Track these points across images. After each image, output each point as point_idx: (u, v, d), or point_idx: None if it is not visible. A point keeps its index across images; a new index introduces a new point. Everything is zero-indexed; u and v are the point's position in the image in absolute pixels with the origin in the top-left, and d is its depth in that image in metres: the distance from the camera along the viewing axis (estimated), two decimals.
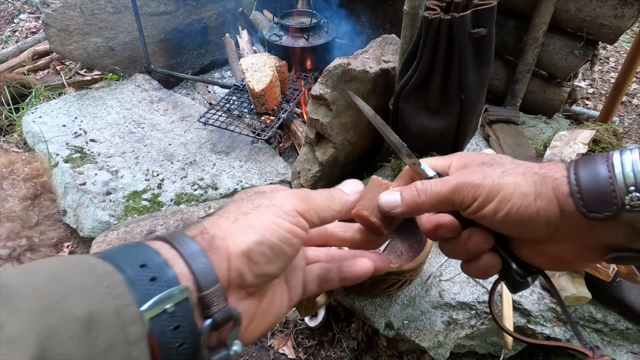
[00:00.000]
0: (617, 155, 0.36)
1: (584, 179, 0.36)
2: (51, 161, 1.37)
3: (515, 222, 0.39)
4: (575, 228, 0.37)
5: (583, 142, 1.06)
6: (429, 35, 0.88)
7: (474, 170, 0.42)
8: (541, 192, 0.38)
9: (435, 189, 0.42)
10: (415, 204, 0.43)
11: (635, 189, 0.34)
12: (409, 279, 0.78)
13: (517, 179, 0.39)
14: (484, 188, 0.40)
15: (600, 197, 0.35)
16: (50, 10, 1.58)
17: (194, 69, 2.04)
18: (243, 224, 0.36)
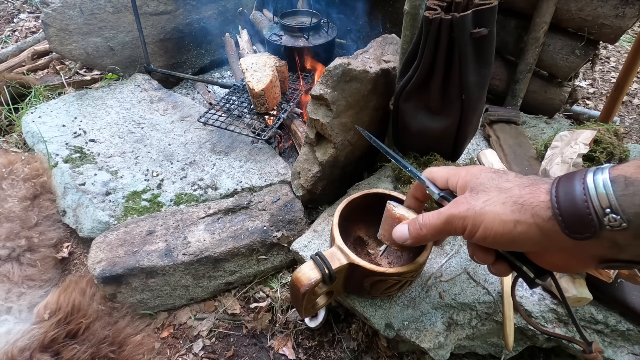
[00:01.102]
0: (591, 176, 0.39)
1: (563, 202, 0.39)
2: (51, 161, 1.37)
3: (503, 244, 0.45)
4: (563, 245, 0.41)
5: (584, 142, 1.05)
6: (429, 35, 0.88)
7: (461, 202, 0.48)
8: (520, 219, 0.42)
9: (431, 222, 0.51)
10: (420, 236, 0.53)
11: (611, 211, 0.36)
12: (409, 280, 0.77)
13: (497, 209, 0.44)
14: (468, 219, 0.46)
15: (579, 220, 0.38)
16: (50, 10, 1.58)
17: (194, 69, 2.04)
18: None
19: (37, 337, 0.91)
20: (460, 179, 0.51)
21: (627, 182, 0.36)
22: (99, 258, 1.04)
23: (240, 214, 1.18)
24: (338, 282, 0.74)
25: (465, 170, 0.52)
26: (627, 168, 0.37)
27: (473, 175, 0.50)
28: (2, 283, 1.09)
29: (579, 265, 0.44)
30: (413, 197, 0.64)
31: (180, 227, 1.13)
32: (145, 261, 1.03)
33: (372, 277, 0.71)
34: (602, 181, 0.37)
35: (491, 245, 0.47)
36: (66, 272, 1.25)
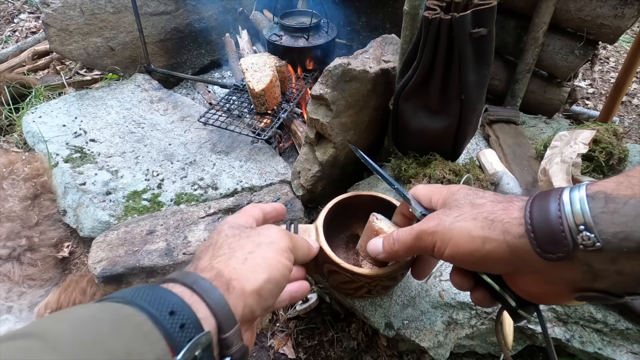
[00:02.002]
0: (567, 192, 0.36)
1: (536, 218, 0.36)
2: (51, 161, 1.37)
3: (472, 263, 0.43)
4: (535, 266, 0.38)
5: (583, 142, 1.06)
6: (429, 35, 0.88)
7: (432, 218, 0.46)
8: (489, 236, 0.39)
9: (403, 238, 0.49)
10: (392, 251, 0.52)
11: (585, 228, 0.33)
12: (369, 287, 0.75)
13: (466, 225, 0.41)
14: (437, 234, 0.44)
15: (552, 237, 0.35)
16: (50, 10, 1.58)
17: (194, 69, 2.04)
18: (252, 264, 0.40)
19: None
20: (441, 197, 0.49)
21: (607, 199, 0.33)
22: (100, 257, 1.05)
23: None
24: None
25: (447, 189, 0.50)
26: (607, 184, 0.34)
27: (451, 193, 0.48)
28: (2, 282, 1.09)
29: (552, 294, 0.41)
30: (400, 213, 0.62)
31: (181, 227, 1.13)
32: (145, 260, 1.03)
33: (329, 265, 0.70)
34: (578, 198, 0.34)
35: (460, 264, 0.44)
36: (67, 271, 1.25)
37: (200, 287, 0.35)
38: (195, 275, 0.37)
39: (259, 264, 0.40)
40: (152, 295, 0.33)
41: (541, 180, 1.06)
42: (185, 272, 0.38)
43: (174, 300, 0.33)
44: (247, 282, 0.38)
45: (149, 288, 0.34)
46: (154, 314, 0.31)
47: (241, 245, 0.42)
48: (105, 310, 0.30)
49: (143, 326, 0.30)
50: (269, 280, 0.39)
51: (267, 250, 0.41)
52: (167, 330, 0.30)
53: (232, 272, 0.38)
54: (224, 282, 0.37)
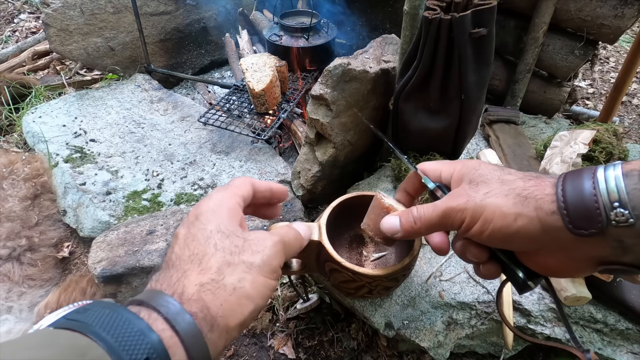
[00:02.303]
0: (602, 171, 0.36)
1: (570, 196, 0.37)
2: (51, 161, 1.37)
3: (499, 239, 0.42)
4: (563, 243, 0.38)
5: (583, 142, 1.06)
6: (429, 35, 0.88)
7: (460, 194, 0.45)
8: (522, 212, 0.39)
9: (427, 216, 0.47)
10: (413, 230, 0.49)
11: (620, 205, 0.34)
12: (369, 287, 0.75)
13: (498, 201, 0.40)
14: (467, 211, 0.43)
15: (586, 214, 0.36)
16: (50, 10, 1.58)
17: (194, 69, 2.04)
18: (240, 295, 0.37)
19: None
20: (456, 172, 0.48)
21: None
22: (100, 257, 1.04)
23: None
24: (309, 256, 0.73)
25: (460, 164, 0.49)
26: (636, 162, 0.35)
27: (471, 168, 0.47)
28: (2, 282, 1.09)
29: (575, 268, 0.41)
30: (404, 190, 0.59)
31: None
32: (145, 261, 1.03)
33: (331, 264, 0.70)
34: (613, 176, 0.35)
35: (486, 240, 0.43)
36: (67, 271, 1.25)
37: (184, 329, 0.32)
38: (178, 309, 0.33)
39: (248, 295, 0.37)
40: (123, 328, 0.29)
41: None
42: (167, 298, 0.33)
43: (151, 341, 0.29)
44: (232, 317, 0.36)
45: (118, 314, 0.30)
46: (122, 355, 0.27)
47: (232, 265, 0.38)
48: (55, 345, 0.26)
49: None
50: (254, 311, 0.38)
51: (258, 275, 0.38)
52: None
53: (219, 309, 0.35)
54: (209, 322, 0.34)
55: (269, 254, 0.41)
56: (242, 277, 0.38)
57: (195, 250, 0.38)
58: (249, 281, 0.38)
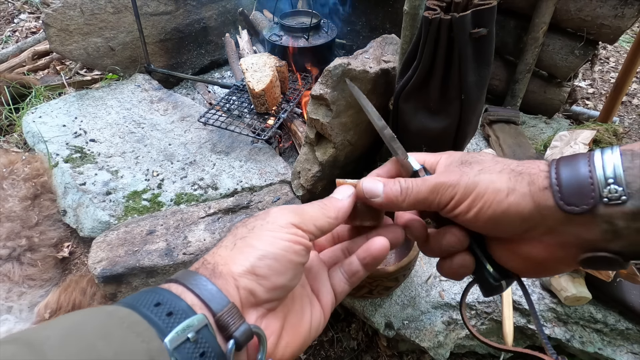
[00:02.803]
0: (599, 153, 0.36)
1: (564, 174, 0.36)
2: (51, 161, 1.37)
3: (487, 218, 0.40)
4: (551, 223, 0.37)
5: (584, 142, 1.06)
6: (429, 35, 0.88)
7: (452, 171, 0.43)
8: (515, 188, 0.38)
9: (415, 189, 0.44)
10: (397, 200, 0.44)
11: (614, 181, 0.34)
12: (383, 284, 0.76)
13: (492, 176, 0.39)
14: (459, 187, 0.41)
15: (579, 190, 0.35)
16: (50, 10, 1.58)
17: (194, 69, 2.04)
18: (241, 246, 0.38)
19: None
20: (443, 159, 0.47)
21: (634, 155, 0.34)
22: (100, 257, 1.05)
23: (240, 213, 1.18)
24: None
25: (447, 153, 0.48)
26: (637, 145, 0.35)
27: (461, 153, 0.46)
28: (2, 282, 1.09)
29: (560, 258, 0.40)
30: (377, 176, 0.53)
31: (181, 227, 1.13)
32: (145, 261, 1.03)
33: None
34: (610, 155, 0.35)
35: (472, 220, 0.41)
36: (67, 271, 1.25)
37: (185, 277, 0.35)
38: (183, 271, 0.37)
39: (250, 245, 0.38)
40: (140, 294, 0.34)
41: None
42: (179, 271, 0.38)
43: (160, 293, 0.33)
44: (234, 264, 0.36)
45: (146, 291, 0.34)
46: (138, 307, 0.31)
47: (234, 234, 0.40)
48: (92, 312, 0.31)
49: (129, 318, 0.30)
50: (264, 257, 0.37)
51: (262, 231, 0.39)
52: (152, 319, 0.30)
53: (219, 259, 0.37)
54: (209, 269, 0.36)
55: (274, 215, 0.41)
56: (243, 236, 0.39)
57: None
58: (250, 237, 0.38)
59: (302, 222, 0.41)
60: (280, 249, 0.37)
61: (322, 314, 0.44)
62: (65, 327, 0.28)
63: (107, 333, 0.28)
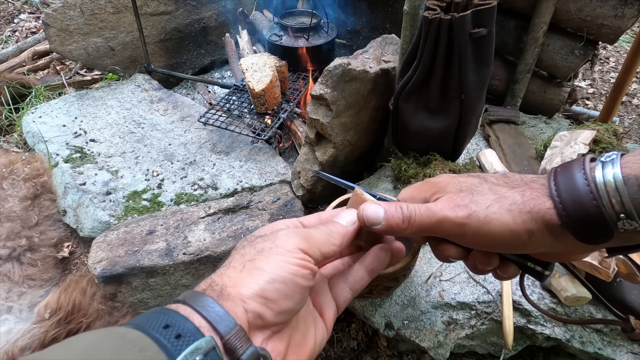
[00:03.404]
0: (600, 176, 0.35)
1: (572, 210, 0.36)
2: (51, 161, 1.37)
3: (509, 250, 0.42)
4: (572, 244, 0.38)
5: (584, 142, 1.06)
6: (429, 35, 0.88)
7: (458, 204, 0.41)
8: (533, 230, 0.38)
9: (420, 220, 0.43)
10: (398, 228, 0.44)
11: (626, 216, 0.33)
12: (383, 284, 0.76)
13: (504, 218, 0.39)
14: (469, 227, 0.40)
15: (594, 228, 0.35)
16: (50, 10, 1.58)
17: (194, 69, 2.04)
18: (250, 269, 0.38)
19: (38, 336, 0.91)
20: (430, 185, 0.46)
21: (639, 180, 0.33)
22: (100, 257, 1.05)
23: (240, 213, 1.19)
24: None
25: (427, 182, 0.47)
26: (637, 166, 0.34)
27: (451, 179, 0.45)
28: (2, 282, 1.09)
29: (582, 256, 0.43)
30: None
31: (181, 227, 1.13)
32: (145, 261, 1.03)
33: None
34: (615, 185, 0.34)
35: (490, 249, 0.43)
36: (67, 271, 1.25)
37: (192, 298, 0.35)
38: (190, 291, 0.37)
39: (259, 268, 0.38)
40: (150, 315, 0.34)
41: None
42: (186, 291, 0.38)
43: (169, 315, 0.33)
44: (244, 287, 0.36)
45: (155, 311, 0.35)
46: (148, 329, 0.32)
47: (242, 254, 0.40)
48: (105, 335, 0.31)
49: (139, 342, 0.30)
50: (273, 280, 0.37)
51: (270, 254, 0.39)
52: (161, 342, 0.31)
53: (227, 280, 0.37)
54: (217, 290, 0.36)
55: (282, 239, 0.41)
56: (252, 258, 0.39)
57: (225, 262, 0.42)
58: (259, 260, 0.39)
59: (309, 248, 0.41)
60: (289, 272, 0.38)
61: (324, 329, 0.45)
62: (81, 351, 0.29)
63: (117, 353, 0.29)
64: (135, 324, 0.33)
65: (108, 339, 0.30)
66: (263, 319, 0.36)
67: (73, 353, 0.29)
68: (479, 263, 0.44)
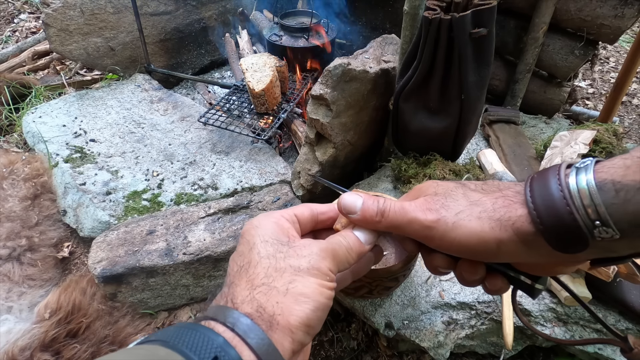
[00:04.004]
0: (573, 183, 0.34)
1: (546, 218, 0.35)
2: (51, 161, 1.37)
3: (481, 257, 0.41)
4: (548, 254, 0.37)
5: (584, 142, 1.06)
6: (429, 35, 0.88)
7: (428, 207, 0.42)
8: (502, 238, 0.38)
9: (392, 216, 0.43)
10: (372, 220, 0.44)
11: (601, 224, 0.33)
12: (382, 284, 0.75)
13: (473, 225, 0.39)
14: (436, 231, 0.40)
15: (569, 236, 0.35)
16: (50, 10, 1.58)
17: (194, 69, 2.04)
18: (295, 294, 0.37)
19: (38, 336, 0.91)
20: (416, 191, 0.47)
21: (617, 188, 0.32)
22: (100, 257, 1.05)
23: (240, 213, 1.19)
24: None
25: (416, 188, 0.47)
26: (614, 170, 0.33)
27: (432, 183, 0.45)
28: (2, 282, 1.09)
29: (568, 268, 0.41)
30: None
31: (181, 227, 1.13)
32: (145, 261, 1.03)
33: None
34: (588, 191, 0.33)
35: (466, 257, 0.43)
36: (67, 271, 1.25)
37: (242, 327, 0.34)
38: (236, 314, 0.35)
39: (303, 294, 0.37)
40: (194, 337, 0.32)
41: None
42: (224, 308, 0.36)
43: (216, 343, 0.32)
44: (291, 316, 0.36)
45: (191, 329, 0.33)
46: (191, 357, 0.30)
47: (280, 270, 0.39)
48: (146, 356, 0.30)
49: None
50: (316, 309, 0.37)
51: (308, 277, 0.39)
52: None
53: (275, 307, 0.36)
54: (267, 319, 0.35)
55: (316, 258, 0.40)
56: (293, 279, 0.38)
57: (242, 262, 0.40)
58: (300, 282, 0.38)
59: (335, 267, 0.42)
60: (327, 298, 0.38)
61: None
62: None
63: None
64: (177, 347, 0.31)
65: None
66: (302, 346, 0.37)
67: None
68: (464, 272, 0.44)
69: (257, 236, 0.42)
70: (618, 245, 0.34)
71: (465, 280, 0.45)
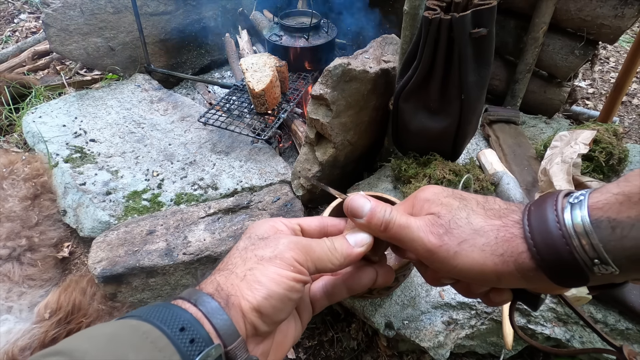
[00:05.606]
0: (569, 214, 0.35)
1: (546, 256, 0.35)
2: (51, 161, 1.37)
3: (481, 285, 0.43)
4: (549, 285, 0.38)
5: (584, 142, 1.06)
6: (429, 35, 0.88)
7: (431, 231, 0.41)
8: (503, 272, 0.38)
9: (396, 230, 0.43)
10: (377, 228, 0.44)
11: (600, 262, 0.33)
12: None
13: (475, 257, 0.39)
14: (437, 257, 0.40)
15: (570, 273, 0.35)
16: (50, 10, 1.58)
17: (194, 69, 2.04)
18: (250, 280, 0.39)
19: (38, 336, 0.91)
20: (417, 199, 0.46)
21: (613, 225, 0.32)
22: (100, 257, 1.04)
23: (240, 213, 1.18)
24: None
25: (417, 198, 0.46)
26: (608, 207, 0.33)
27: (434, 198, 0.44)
28: (2, 282, 1.09)
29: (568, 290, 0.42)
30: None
31: (181, 227, 1.13)
32: (145, 261, 1.03)
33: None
34: (583, 227, 0.33)
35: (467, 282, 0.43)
36: (67, 271, 1.25)
37: (201, 301, 0.37)
38: (199, 293, 0.38)
39: (258, 281, 0.39)
40: (164, 313, 0.36)
41: (541, 181, 1.06)
42: (192, 290, 0.40)
43: (184, 317, 0.35)
44: (244, 299, 0.38)
45: (163, 306, 0.37)
46: (166, 330, 0.34)
47: (244, 259, 0.41)
48: (125, 327, 0.34)
49: (158, 342, 0.33)
50: (269, 297, 0.38)
51: (268, 265, 0.40)
52: (178, 345, 0.33)
53: (230, 288, 0.39)
54: (224, 297, 0.38)
55: (282, 248, 0.41)
56: (252, 267, 0.40)
57: (228, 254, 0.44)
58: (259, 270, 0.40)
59: (305, 261, 0.42)
60: (284, 289, 0.39)
61: (300, 328, 0.48)
62: (101, 340, 0.32)
63: (137, 349, 0.32)
64: (149, 319, 0.34)
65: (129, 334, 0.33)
66: (257, 330, 0.39)
67: (95, 342, 0.31)
68: (473, 289, 0.44)
69: (246, 234, 0.45)
70: (618, 277, 0.34)
71: (470, 293, 0.45)
